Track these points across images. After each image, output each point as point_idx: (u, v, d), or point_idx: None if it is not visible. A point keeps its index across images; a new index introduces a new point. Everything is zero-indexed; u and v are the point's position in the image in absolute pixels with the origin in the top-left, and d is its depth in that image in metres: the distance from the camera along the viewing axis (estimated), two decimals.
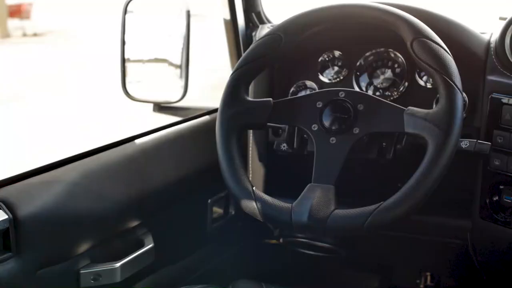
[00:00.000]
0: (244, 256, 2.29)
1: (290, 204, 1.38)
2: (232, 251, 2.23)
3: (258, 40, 1.56)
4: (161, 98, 2.11)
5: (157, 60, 2.06)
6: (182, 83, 1.99)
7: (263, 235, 2.21)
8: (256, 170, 1.97)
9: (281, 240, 2.05)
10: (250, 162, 1.97)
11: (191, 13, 1.96)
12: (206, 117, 2.02)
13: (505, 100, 1.60)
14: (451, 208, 1.78)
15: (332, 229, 1.34)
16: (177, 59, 2.00)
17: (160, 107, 2.15)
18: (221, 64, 2.30)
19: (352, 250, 1.97)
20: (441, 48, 1.38)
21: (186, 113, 2.04)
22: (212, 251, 2.12)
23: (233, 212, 2.11)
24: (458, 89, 1.35)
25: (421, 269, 2.24)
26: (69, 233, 1.55)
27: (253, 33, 2.09)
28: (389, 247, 2.15)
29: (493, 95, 1.62)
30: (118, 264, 1.61)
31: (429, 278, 2.24)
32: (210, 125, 1.68)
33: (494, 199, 1.65)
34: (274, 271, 2.29)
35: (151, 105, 2.14)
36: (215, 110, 1.97)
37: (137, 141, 1.76)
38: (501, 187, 1.63)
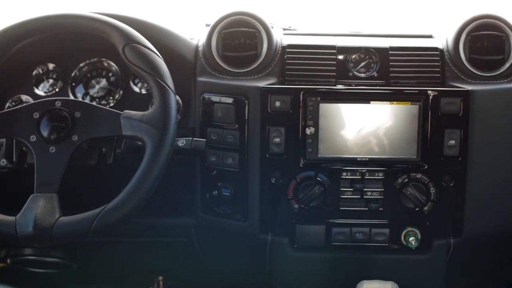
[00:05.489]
0: None
1: (14, 217, 1.35)
2: None
3: None
4: None
5: None
6: None
7: None
8: None
9: (8, 262, 1.97)
10: None
11: None
12: None
13: (215, 98, 1.70)
14: (175, 207, 1.86)
15: (58, 237, 1.33)
16: None
17: None
18: None
19: (82, 262, 1.96)
20: (152, 52, 1.44)
21: None
22: None
23: None
24: (171, 89, 1.41)
25: (154, 274, 2.29)
26: None
27: None
28: (120, 255, 2.16)
29: (204, 95, 1.72)
30: None
31: (161, 282, 2.28)
32: None
33: (214, 193, 1.75)
34: None
35: None
36: None
37: None
38: (219, 184, 1.74)
